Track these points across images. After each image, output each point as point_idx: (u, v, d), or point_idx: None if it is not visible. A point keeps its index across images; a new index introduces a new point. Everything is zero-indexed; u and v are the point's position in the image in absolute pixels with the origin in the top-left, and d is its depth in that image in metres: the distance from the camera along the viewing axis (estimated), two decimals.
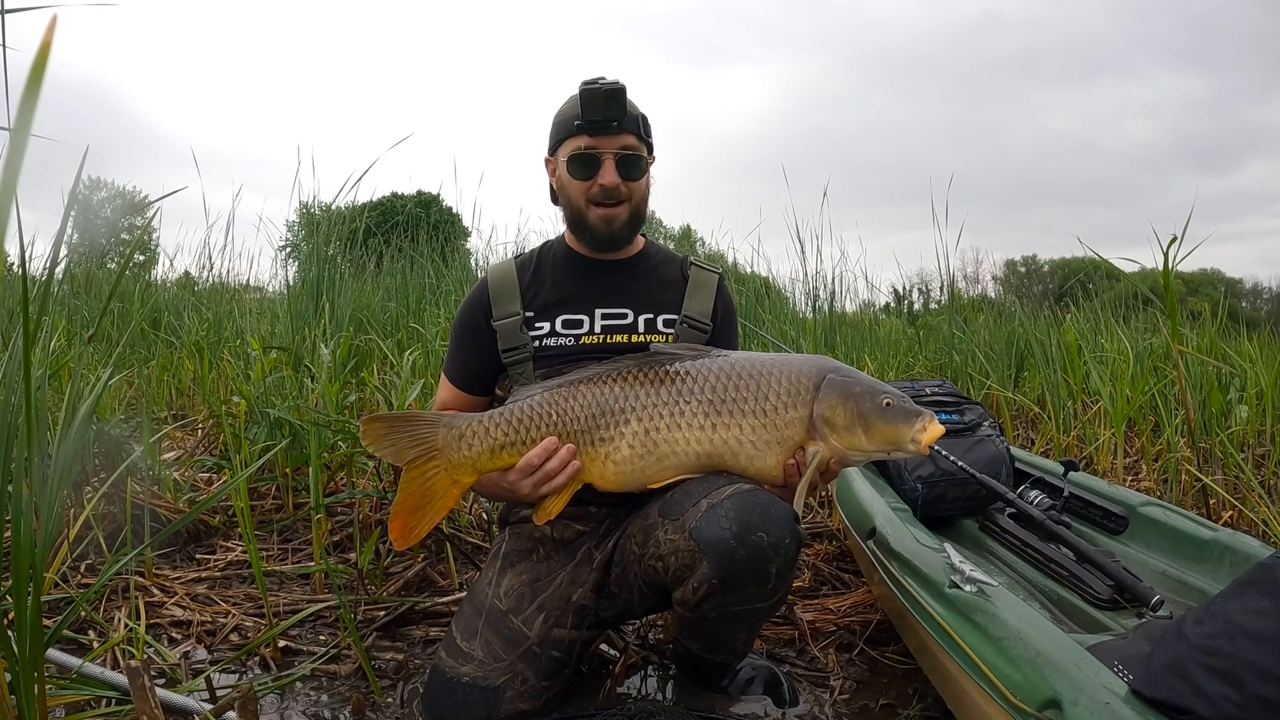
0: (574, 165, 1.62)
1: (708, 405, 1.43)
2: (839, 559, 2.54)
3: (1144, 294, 4.04)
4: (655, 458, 1.43)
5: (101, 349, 3.76)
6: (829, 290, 5.39)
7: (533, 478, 1.45)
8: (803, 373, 1.44)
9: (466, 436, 1.47)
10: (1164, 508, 2.05)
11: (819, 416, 1.41)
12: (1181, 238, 2.33)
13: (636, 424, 1.43)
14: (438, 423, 1.49)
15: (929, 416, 1.41)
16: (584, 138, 1.61)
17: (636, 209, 1.68)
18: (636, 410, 1.44)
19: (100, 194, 18.14)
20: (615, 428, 1.44)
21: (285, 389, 2.80)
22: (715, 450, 1.43)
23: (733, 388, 1.43)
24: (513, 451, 1.46)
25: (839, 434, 1.40)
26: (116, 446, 2.43)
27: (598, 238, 1.67)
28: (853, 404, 1.40)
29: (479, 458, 1.47)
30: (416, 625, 2.06)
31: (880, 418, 1.39)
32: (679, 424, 1.43)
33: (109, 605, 2.03)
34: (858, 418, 1.40)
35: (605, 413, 1.45)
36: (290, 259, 6.69)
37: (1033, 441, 4.01)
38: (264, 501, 2.75)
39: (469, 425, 1.48)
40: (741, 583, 1.37)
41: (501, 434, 1.46)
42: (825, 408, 1.41)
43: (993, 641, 1.29)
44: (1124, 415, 3.26)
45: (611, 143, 1.61)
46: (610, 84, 1.59)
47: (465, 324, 1.74)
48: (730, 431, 1.42)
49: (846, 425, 1.40)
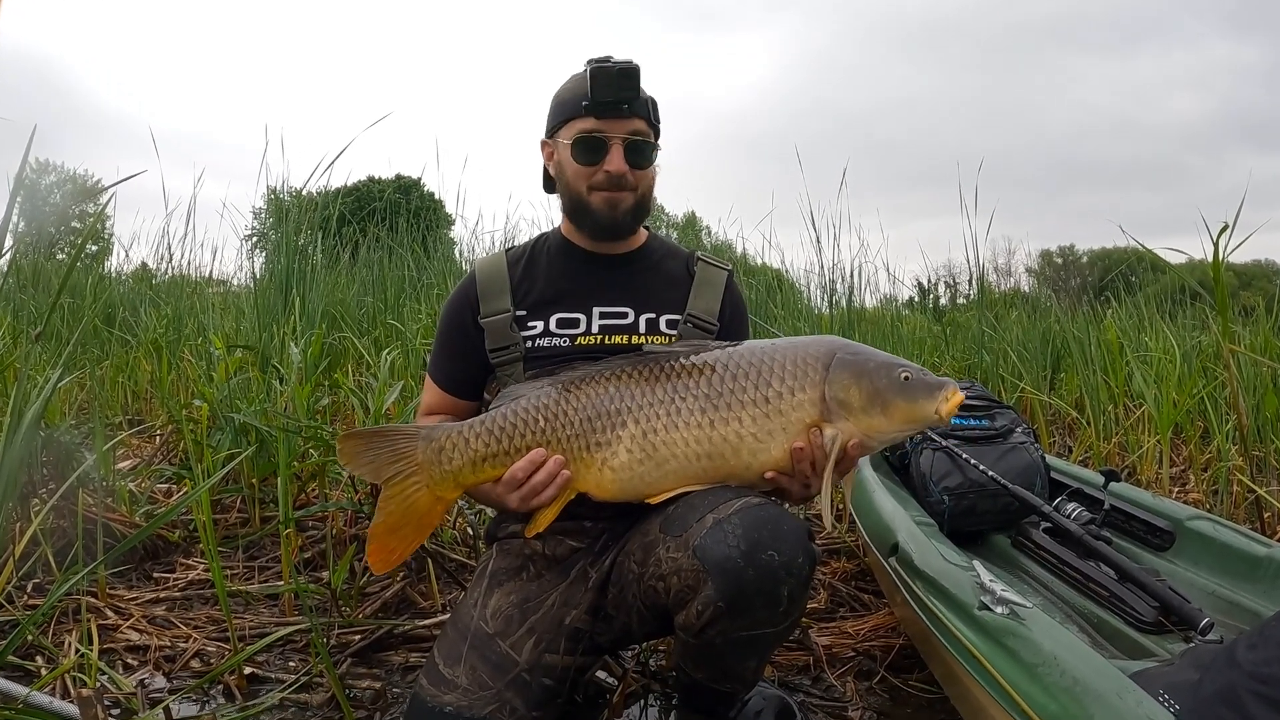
0: (579, 149, 1.62)
1: (704, 400, 1.43)
2: (858, 578, 2.54)
3: (1192, 288, 4.04)
4: (655, 462, 1.44)
5: (50, 348, 3.76)
6: (847, 284, 5.39)
7: (519, 492, 1.45)
8: (809, 354, 1.44)
9: (446, 449, 1.47)
10: (1214, 522, 2.06)
11: (833, 399, 1.40)
12: (1233, 225, 2.33)
13: (634, 426, 1.43)
14: (416, 435, 1.50)
15: (951, 386, 1.40)
16: (590, 120, 1.61)
17: (642, 198, 1.69)
18: (633, 411, 1.44)
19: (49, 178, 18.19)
20: (611, 431, 1.44)
21: (251, 391, 2.80)
22: (715, 449, 1.42)
23: (730, 379, 1.44)
24: (495, 464, 1.47)
25: (856, 416, 1.40)
26: (66, 455, 2.43)
27: (599, 223, 1.67)
28: (868, 382, 1.40)
29: (460, 472, 1.47)
30: (395, 650, 2.06)
31: (900, 394, 1.39)
32: (676, 423, 1.43)
33: (58, 628, 2.03)
34: (875, 397, 1.39)
35: (600, 416, 1.45)
36: (257, 249, 6.69)
37: (1070, 449, 4.01)
38: (228, 515, 2.75)
39: (448, 437, 1.48)
40: (750, 606, 1.36)
41: (483, 445, 1.46)
42: (838, 389, 1.40)
43: (1026, 669, 1.29)
44: (1170, 420, 3.26)
45: (620, 127, 1.61)
46: (623, 63, 1.58)
47: (450, 323, 1.74)
48: (729, 427, 1.42)
49: (864, 406, 1.40)
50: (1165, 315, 5.20)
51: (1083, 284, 13.57)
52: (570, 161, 1.64)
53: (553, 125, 1.68)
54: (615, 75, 1.58)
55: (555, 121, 1.67)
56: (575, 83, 1.64)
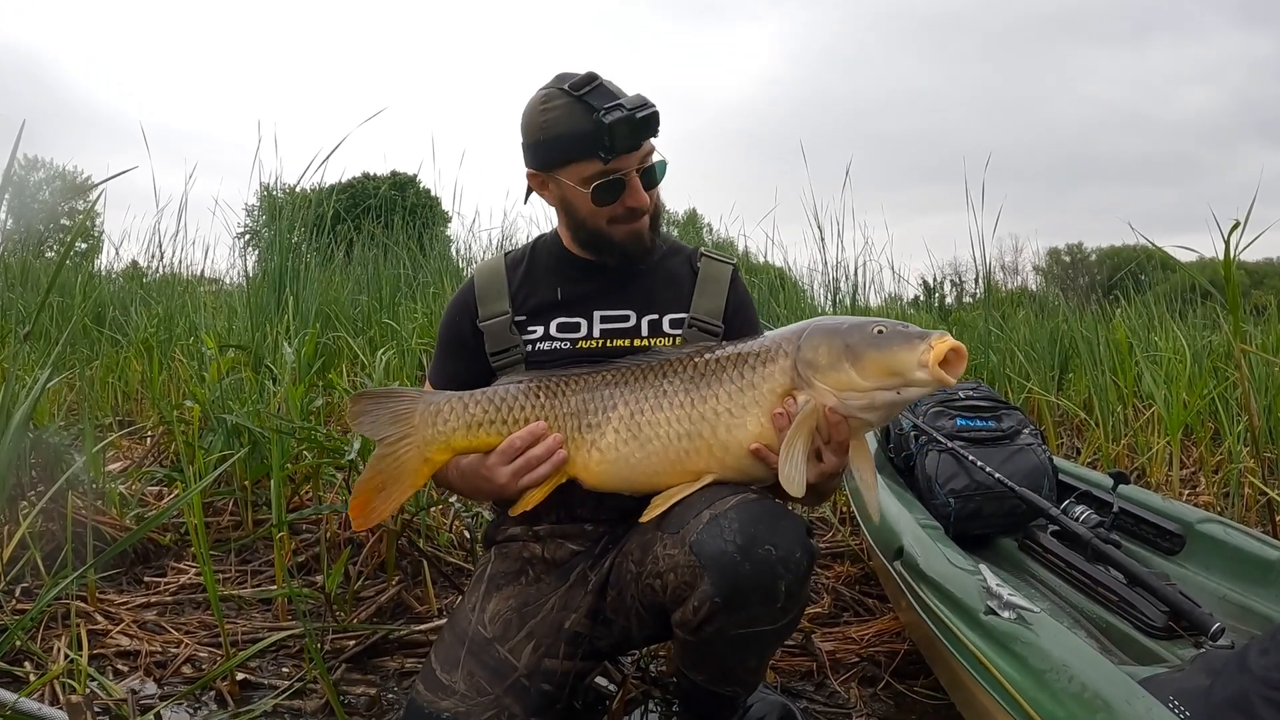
0: (598, 194, 1.56)
1: (688, 381, 1.45)
2: (862, 582, 2.54)
3: (1203, 286, 4.04)
4: (639, 442, 1.46)
5: (39, 347, 3.76)
6: (851, 282, 5.41)
7: (513, 464, 1.47)
8: (791, 329, 1.45)
9: (444, 411, 1.52)
10: (1225, 525, 2.06)
11: (802, 362, 1.39)
12: (1245, 223, 2.33)
13: (623, 408, 1.47)
14: (418, 399, 1.55)
15: (935, 335, 1.31)
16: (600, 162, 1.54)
17: (656, 212, 1.68)
18: (624, 395, 1.48)
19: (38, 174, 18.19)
20: (603, 414, 1.48)
21: (244, 392, 2.80)
22: (694, 427, 1.44)
23: (714, 361, 1.46)
24: (491, 431, 1.50)
25: (824, 374, 1.36)
26: (56, 457, 2.43)
27: (627, 254, 1.66)
28: (838, 339, 1.37)
29: (454, 434, 1.51)
30: (391, 656, 2.06)
31: (870, 345, 1.34)
32: (661, 404, 1.46)
33: (47, 634, 2.03)
34: (844, 351, 1.35)
35: (595, 398, 1.49)
36: (250, 247, 6.70)
37: (1078, 451, 4.01)
38: (220, 518, 2.75)
39: (447, 401, 1.53)
40: (747, 601, 1.37)
41: (480, 411, 1.51)
42: (807, 350, 1.39)
43: (1034, 674, 1.28)
44: (1180, 422, 3.26)
45: (634, 158, 1.56)
46: (641, 108, 1.50)
47: (450, 331, 1.75)
48: (707, 404, 1.43)
49: (831, 362, 1.36)
50: (1175, 314, 5.20)
51: (1091, 282, 13.58)
52: (585, 203, 1.60)
53: (549, 162, 1.60)
54: (637, 125, 1.51)
55: (553, 160, 1.59)
56: (571, 118, 1.53)
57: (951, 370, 1.29)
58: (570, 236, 1.71)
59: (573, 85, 1.53)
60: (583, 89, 1.52)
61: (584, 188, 1.57)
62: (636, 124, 1.51)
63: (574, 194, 1.60)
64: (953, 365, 1.29)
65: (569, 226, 1.70)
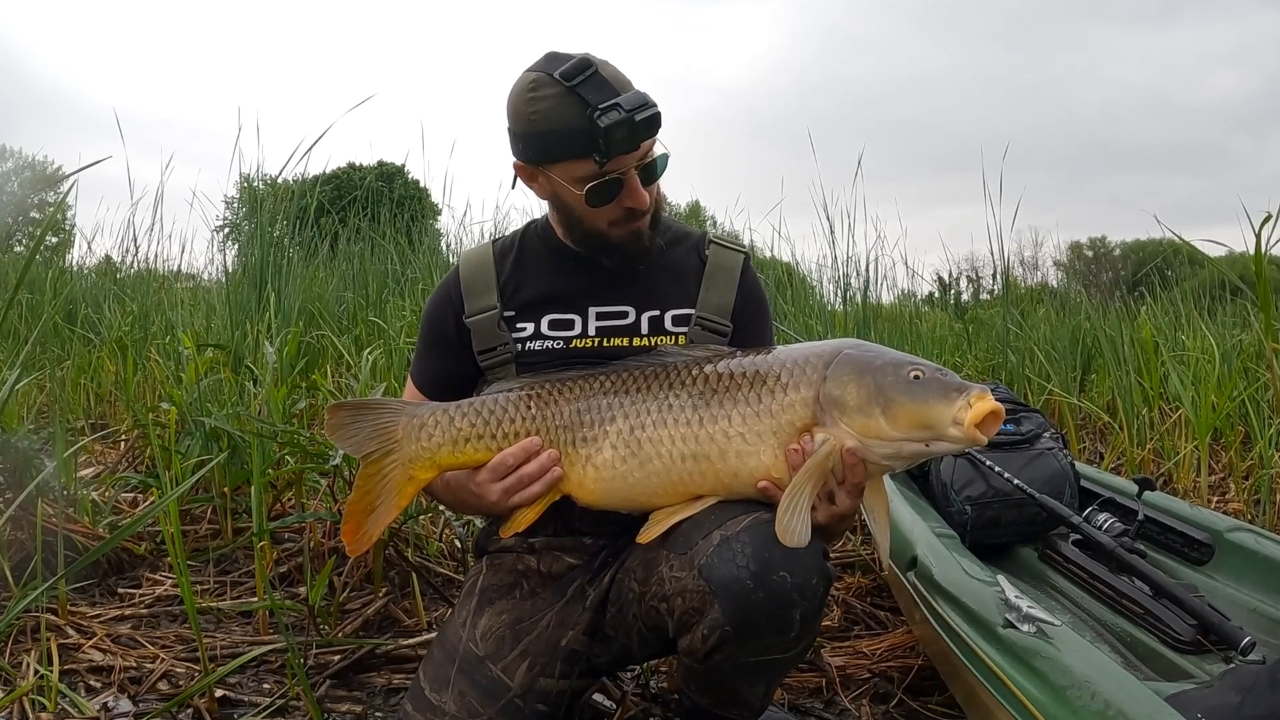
0: (594, 195, 1.51)
1: (698, 396, 1.41)
2: (874, 594, 2.54)
3: (1233, 283, 4.04)
4: (638, 460, 1.42)
5: (7, 347, 3.77)
6: (862, 278, 5.41)
7: (504, 482, 1.45)
8: (815, 352, 1.40)
9: (428, 425, 1.49)
10: (1256, 534, 2.06)
11: (827, 397, 1.33)
12: (1278, 215, 2.32)
13: (622, 421, 1.43)
14: (400, 411, 1.52)
15: (976, 390, 1.26)
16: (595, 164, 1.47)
17: (656, 207, 1.63)
18: (624, 407, 1.44)
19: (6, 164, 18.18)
20: (599, 426, 1.44)
21: (223, 394, 2.80)
22: (700, 449, 1.39)
23: (728, 376, 1.41)
24: (479, 446, 1.48)
25: (851, 416, 1.31)
26: (25, 462, 2.43)
27: (628, 254, 1.61)
28: (869, 379, 1.31)
29: (439, 450, 1.49)
30: (377, 672, 2.06)
31: (904, 393, 1.29)
32: (665, 419, 1.41)
33: (16, 648, 2.03)
34: (875, 394, 1.30)
35: (591, 409, 1.45)
36: (229, 241, 6.70)
37: (1102, 455, 4.01)
38: (198, 526, 2.75)
39: (431, 414, 1.51)
40: (759, 630, 1.35)
41: (468, 424, 1.48)
42: (834, 385, 1.33)
43: (1055, 691, 1.28)
44: (1209, 425, 3.26)
45: (632, 158, 1.50)
46: (641, 108, 1.44)
47: (433, 325, 1.73)
48: (717, 425, 1.38)
49: (860, 405, 1.31)
50: (1204, 312, 5.21)
51: (1115, 278, 13.58)
52: (579, 203, 1.54)
53: (538, 157, 1.53)
54: (636, 128, 1.44)
55: (542, 155, 1.52)
56: (563, 113, 1.45)
57: (986, 431, 1.26)
58: (563, 232, 1.67)
59: (564, 73, 1.45)
60: (575, 78, 1.44)
61: (577, 188, 1.51)
62: (635, 127, 1.44)
63: (567, 193, 1.54)
64: (989, 426, 1.26)
65: (562, 223, 1.65)
